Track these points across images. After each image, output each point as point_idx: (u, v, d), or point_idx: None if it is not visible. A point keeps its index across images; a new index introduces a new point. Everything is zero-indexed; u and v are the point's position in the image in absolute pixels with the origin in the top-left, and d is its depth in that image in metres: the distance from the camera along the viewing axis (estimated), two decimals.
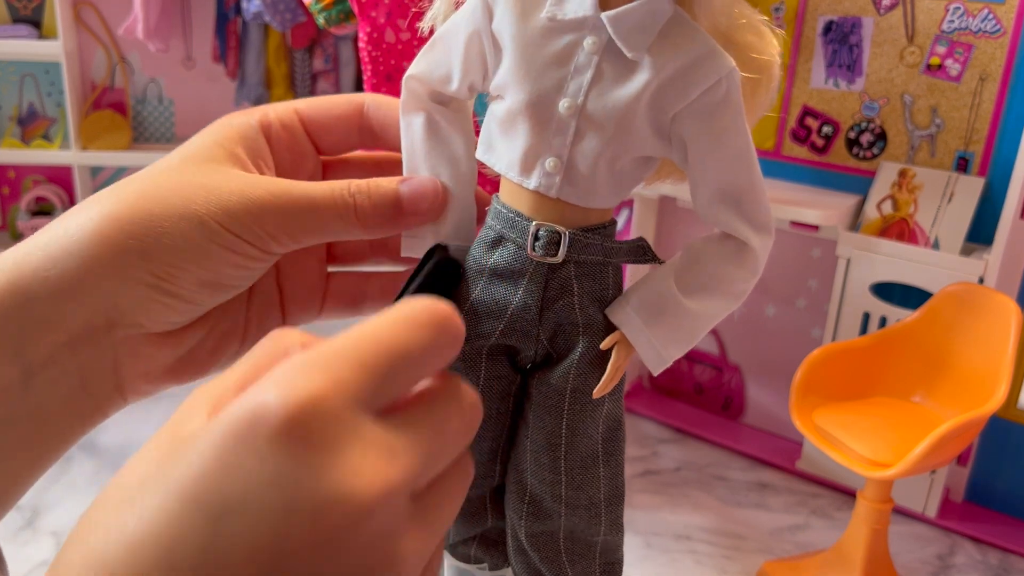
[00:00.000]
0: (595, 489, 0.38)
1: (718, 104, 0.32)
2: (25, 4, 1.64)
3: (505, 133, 0.34)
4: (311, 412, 0.21)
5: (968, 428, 0.88)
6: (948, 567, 1.10)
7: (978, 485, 1.23)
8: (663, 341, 0.36)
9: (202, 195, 0.30)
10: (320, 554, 0.21)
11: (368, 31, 1.15)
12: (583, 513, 0.38)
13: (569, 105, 0.32)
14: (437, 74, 0.36)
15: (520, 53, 0.33)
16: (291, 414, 0.21)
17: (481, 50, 0.34)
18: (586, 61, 0.32)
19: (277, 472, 0.20)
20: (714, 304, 0.36)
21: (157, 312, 0.31)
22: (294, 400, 0.21)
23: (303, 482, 0.21)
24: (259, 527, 0.20)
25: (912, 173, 1.19)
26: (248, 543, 0.20)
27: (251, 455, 0.21)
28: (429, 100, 0.37)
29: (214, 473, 0.20)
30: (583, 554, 0.39)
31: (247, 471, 0.20)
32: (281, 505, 0.20)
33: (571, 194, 0.34)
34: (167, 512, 0.20)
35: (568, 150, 0.33)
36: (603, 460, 0.38)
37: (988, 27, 1.12)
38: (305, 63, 1.76)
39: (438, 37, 0.36)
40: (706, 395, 1.48)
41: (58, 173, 1.74)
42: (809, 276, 1.33)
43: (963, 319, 1.00)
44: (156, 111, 1.77)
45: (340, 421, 0.22)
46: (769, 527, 1.16)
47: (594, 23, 0.32)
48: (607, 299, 0.37)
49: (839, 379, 1.01)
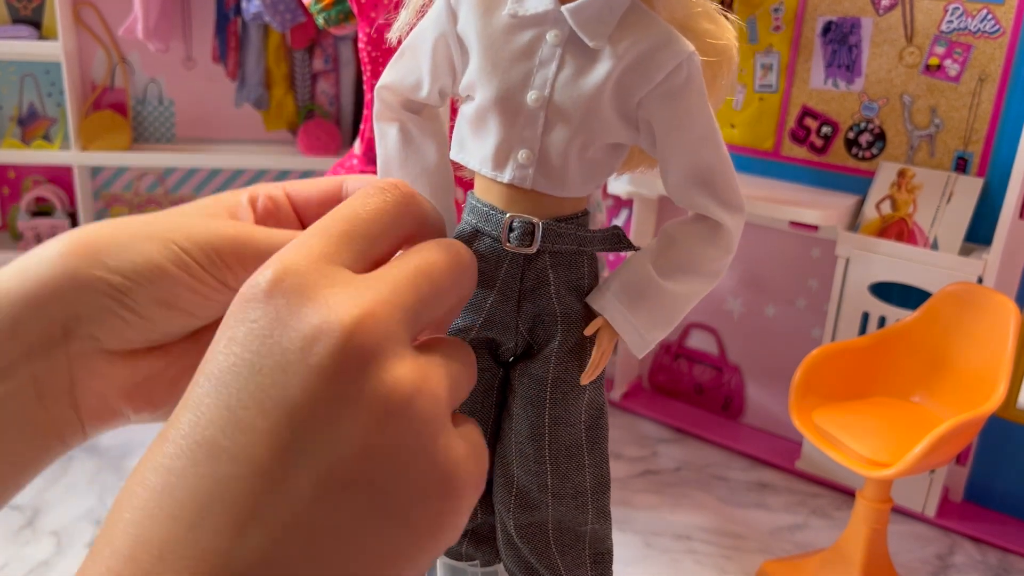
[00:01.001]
0: (581, 478, 0.38)
1: (681, 87, 0.33)
2: (25, 4, 1.64)
3: (476, 131, 0.35)
4: (284, 272, 0.24)
5: (967, 428, 0.88)
6: (947, 567, 1.10)
7: (977, 485, 1.23)
8: (645, 324, 0.37)
9: (170, 223, 0.32)
10: (313, 384, 0.22)
11: (368, 31, 1.15)
12: (570, 503, 0.39)
13: (537, 97, 0.33)
14: (408, 82, 0.37)
15: (486, 51, 0.34)
16: (274, 278, 0.23)
17: (448, 53, 0.35)
18: (550, 54, 0.33)
19: (263, 325, 0.23)
20: (692, 284, 0.37)
21: (113, 325, 0.31)
22: (276, 268, 0.24)
23: (286, 325, 0.23)
24: (254, 366, 0.22)
25: (911, 173, 1.19)
26: (254, 391, 0.22)
27: (241, 317, 0.23)
28: (402, 109, 0.38)
29: (232, 328, 0.23)
30: (572, 544, 0.39)
31: (244, 328, 0.23)
32: (267, 348, 0.22)
33: (545, 185, 0.35)
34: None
35: (539, 141, 0.34)
36: (587, 448, 0.38)
37: (987, 27, 1.12)
38: (305, 63, 1.76)
39: (406, 46, 0.37)
40: (706, 395, 1.48)
41: (58, 173, 1.74)
42: (809, 276, 1.33)
43: (962, 319, 1.00)
44: (156, 111, 1.77)
45: (311, 273, 0.24)
46: (769, 527, 1.16)
47: (555, 16, 0.33)
48: (583, 288, 0.37)
49: (839, 379, 1.02)
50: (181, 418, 0.22)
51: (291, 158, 1.74)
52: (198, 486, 0.20)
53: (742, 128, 1.34)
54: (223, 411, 0.21)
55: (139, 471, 0.22)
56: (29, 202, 1.69)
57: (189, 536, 0.20)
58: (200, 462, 0.21)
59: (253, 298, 0.23)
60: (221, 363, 0.22)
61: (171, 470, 0.21)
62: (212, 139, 1.80)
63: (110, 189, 1.79)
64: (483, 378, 0.39)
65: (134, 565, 0.20)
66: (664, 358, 1.49)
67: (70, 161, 1.66)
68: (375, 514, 0.22)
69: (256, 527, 0.20)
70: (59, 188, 1.74)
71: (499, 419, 0.40)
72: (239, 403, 0.21)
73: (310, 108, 1.78)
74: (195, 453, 0.21)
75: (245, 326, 0.23)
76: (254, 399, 0.21)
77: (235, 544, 0.20)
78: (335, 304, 0.23)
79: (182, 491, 0.21)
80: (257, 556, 0.20)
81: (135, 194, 1.80)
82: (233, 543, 0.20)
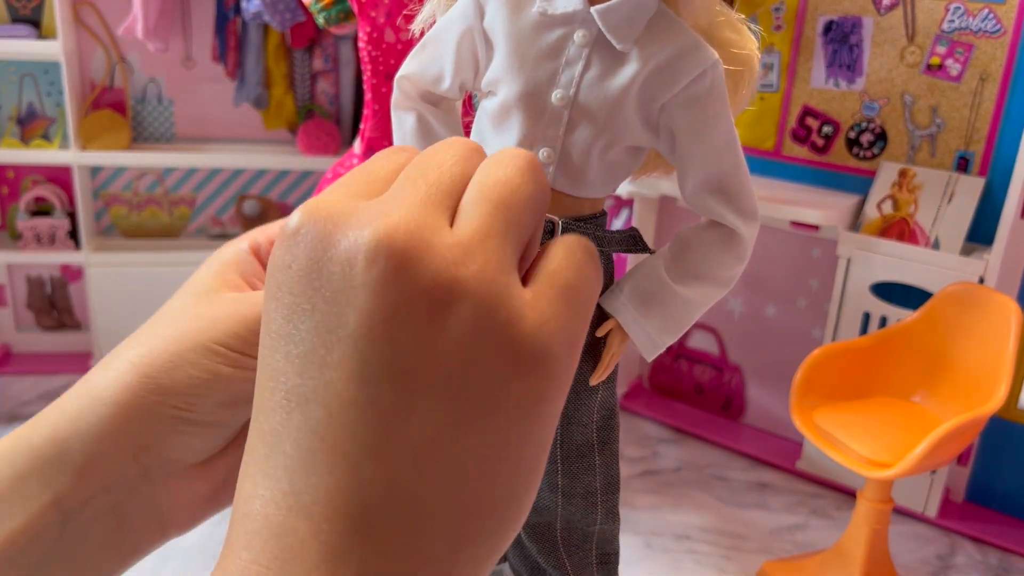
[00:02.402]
0: (591, 477, 0.38)
1: (704, 94, 0.33)
2: (25, 4, 1.64)
3: (498, 127, 0.35)
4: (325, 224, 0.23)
5: (968, 428, 0.88)
6: (948, 567, 1.10)
7: (978, 485, 1.23)
8: (656, 328, 0.37)
9: (204, 325, 0.33)
10: (381, 296, 0.22)
11: (368, 31, 1.15)
12: (580, 502, 0.38)
13: (562, 96, 0.33)
14: (429, 74, 0.37)
15: (513, 47, 0.34)
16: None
17: (473, 48, 0.35)
18: (576, 53, 0.33)
19: (343, 269, 0.22)
20: (704, 290, 0.37)
21: (185, 443, 0.33)
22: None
23: (336, 242, 0.22)
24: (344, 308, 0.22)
25: (912, 173, 1.19)
26: (354, 324, 0.22)
27: (341, 273, 0.22)
28: (420, 100, 0.38)
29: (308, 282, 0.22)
30: (580, 544, 0.39)
31: (339, 278, 0.22)
32: (343, 281, 0.22)
33: (565, 184, 0.35)
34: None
35: (561, 140, 0.34)
36: (598, 448, 0.38)
37: (988, 27, 1.12)
38: (305, 63, 1.76)
39: (429, 38, 0.37)
40: (706, 395, 1.48)
41: (57, 173, 1.74)
42: (809, 276, 1.33)
43: (963, 319, 1.00)
44: (156, 111, 1.77)
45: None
46: (769, 527, 1.16)
47: (583, 17, 0.33)
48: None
49: (839, 379, 1.01)
50: (263, 387, 0.23)
51: (290, 158, 1.74)
52: (299, 437, 0.22)
53: (743, 128, 1.34)
54: (293, 360, 0.22)
55: (248, 449, 0.23)
56: (28, 202, 1.69)
57: (308, 482, 0.21)
58: (293, 412, 0.22)
59: (282, 246, 0.23)
60: (274, 320, 0.23)
61: (271, 432, 0.22)
62: (211, 138, 1.80)
63: (109, 189, 1.79)
64: None
65: (265, 522, 0.21)
66: (664, 358, 1.49)
67: (69, 161, 1.66)
68: (460, 412, 0.22)
69: (366, 458, 0.21)
70: (58, 188, 1.74)
71: None
72: (305, 347, 0.22)
73: (310, 108, 1.78)
74: (287, 406, 0.22)
75: (282, 274, 0.23)
76: (318, 337, 0.22)
77: (353, 478, 0.21)
78: (361, 221, 0.23)
79: (288, 444, 0.22)
80: (380, 486, 0.21)
81: (134, 193, 1.80)
82: (351, 478, 0.21)
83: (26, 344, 1.74)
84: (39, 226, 1.68)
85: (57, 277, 1.78)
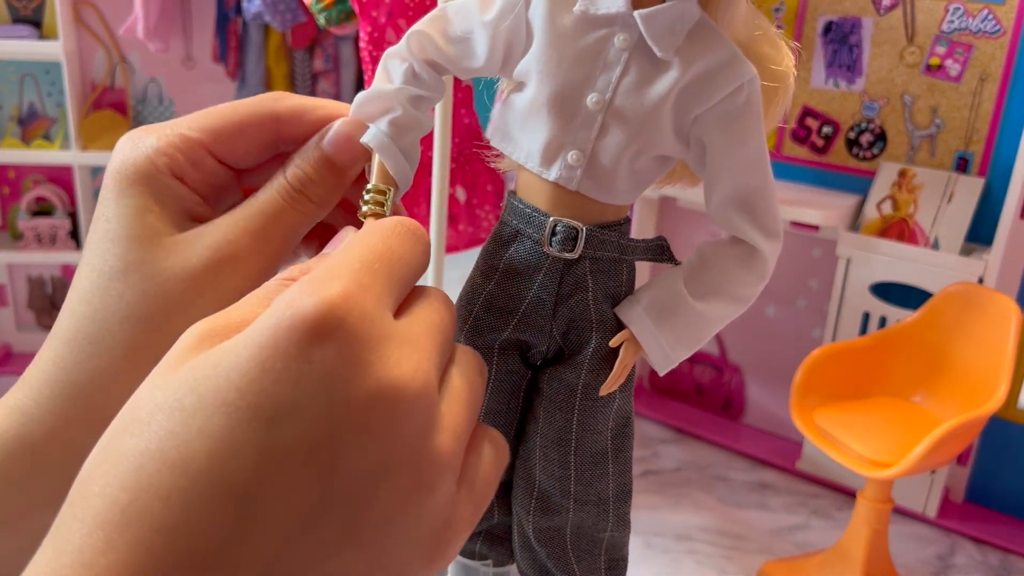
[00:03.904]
0: (604, 485, 0.38)
1: (739, 109, 0.33)
2: (25, 4, 1.64)
3: (526, 123, 0.34)
4: (347, 310, 0.22)
5: (968, 428, 0.88)
6: (948, 567, 1.10)
7: (978, 485, 1.23)
8: (671, 342, 0.36)
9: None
10: (375, 445, 0.21)
11: (369, 31, 1.15)
12: (591, 509, 0.38)
13: (597, 100, 0.33)
14: (452, 47, 0.35)
15: (551, 44, 0.33)
16: (331, 313, 0.22)
17: (509, 35, 0.34)
18: (616, 57, 0.33)
19: (325, 371, 0.21)
20: (721, 307, 0.37)
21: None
22: (328, 301, 0.22)
23: (353, 378, 0.21)
24: (314, 428, 0.21)
25: (912, 173, 1.19)
26: (305, 445, 0.21)
27: (296, 358, 0.21)
28: (422, 62, 0.36)
29: (259, 381, 0.21)
30: (589, 550, 0.39)
31: (295, 374, 0.21)
32: (336, 401, 0.21)
33: (591, 188, 0.34)
34: (214, 426, 0.20)
35: (592, 144, 0.33)
36: (612, 456, 0.38)
37: (988, 27, 1.12)
38: (305, 63, 1.76)
39: (461, 7, 0.35)
40: (706, 395, 1.48)
41: (58, 173, 1.74)
42: (809, 276, 1.33)
43: (963, 319, 1.00)
44: (156, 111, 1.77)
45: (372, 318, 0.23)
46: (769, 527, 1.16)
47: (625, 20, 0.32)
48: (620, 296, 0.37)
49: (839, 379, 1.02)
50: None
51: None
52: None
53: None
54: (259, 455, 0.21)
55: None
56: (29, 202, 1.69)
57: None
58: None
59: (303, 338, 0.22)
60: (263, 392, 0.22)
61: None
62: None
63: None
64: (511, 380, 0.39)
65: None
66: None
67: (70, 161, 1.66)
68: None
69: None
70: (59, 188, 1.74)
71: (523, 421, 0.40)
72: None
73: None
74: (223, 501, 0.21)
75: (294, 380, 0.21)
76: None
77: None
78: (404, 370, 0.23)
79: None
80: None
81: None
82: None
83: (27, 344, 1.74)
84: (40, 226, 1.69)
85: (58, 277, 1.78)
